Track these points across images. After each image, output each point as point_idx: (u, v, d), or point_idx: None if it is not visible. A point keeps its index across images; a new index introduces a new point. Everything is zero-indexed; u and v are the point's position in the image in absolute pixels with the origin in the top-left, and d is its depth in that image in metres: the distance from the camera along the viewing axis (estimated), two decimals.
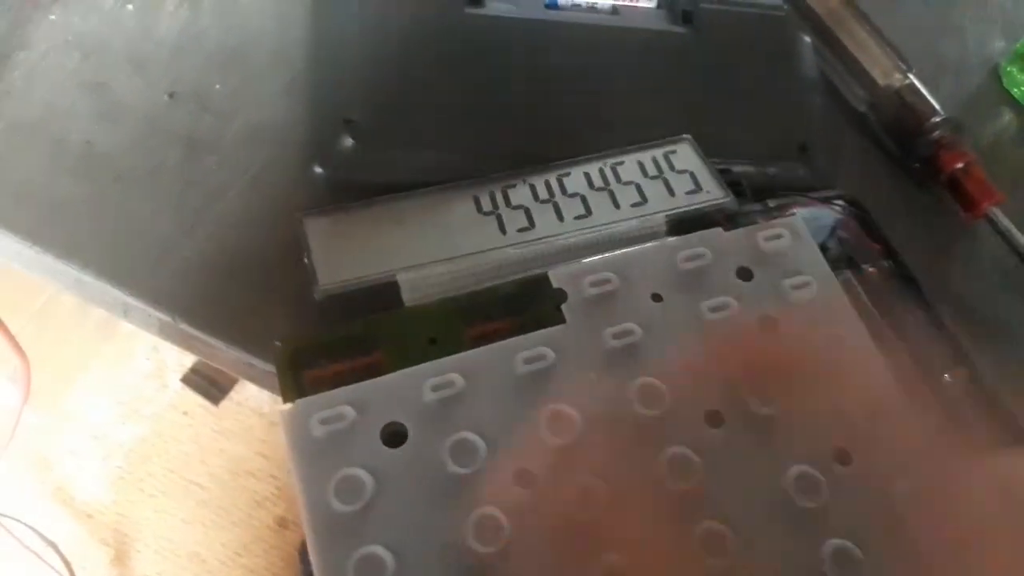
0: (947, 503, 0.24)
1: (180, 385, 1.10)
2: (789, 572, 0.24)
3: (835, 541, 0.25)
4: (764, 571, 0.24)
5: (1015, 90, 0.49)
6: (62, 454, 1.06)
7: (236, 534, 1.01)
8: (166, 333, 0.32)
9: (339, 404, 0.25)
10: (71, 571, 0.96)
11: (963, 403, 0.32)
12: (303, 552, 0.55)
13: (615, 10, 0.40)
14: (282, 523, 1.02)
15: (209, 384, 1.10)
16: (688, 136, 0.36)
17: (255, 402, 1.10)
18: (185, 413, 1.09)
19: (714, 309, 0.28)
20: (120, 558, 0.99)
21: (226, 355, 0.31)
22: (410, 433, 0.25)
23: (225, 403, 1.09)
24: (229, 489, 1.03)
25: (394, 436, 0.25)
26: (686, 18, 0.39)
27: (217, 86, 0.38)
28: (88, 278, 0.32)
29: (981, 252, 0.41)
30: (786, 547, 0.25)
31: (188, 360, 1.12)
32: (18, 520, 0.94)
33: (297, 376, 0.26)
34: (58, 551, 0.97)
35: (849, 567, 0.24)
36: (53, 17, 0.39)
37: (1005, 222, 0.40)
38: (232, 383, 1.11)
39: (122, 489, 1.04)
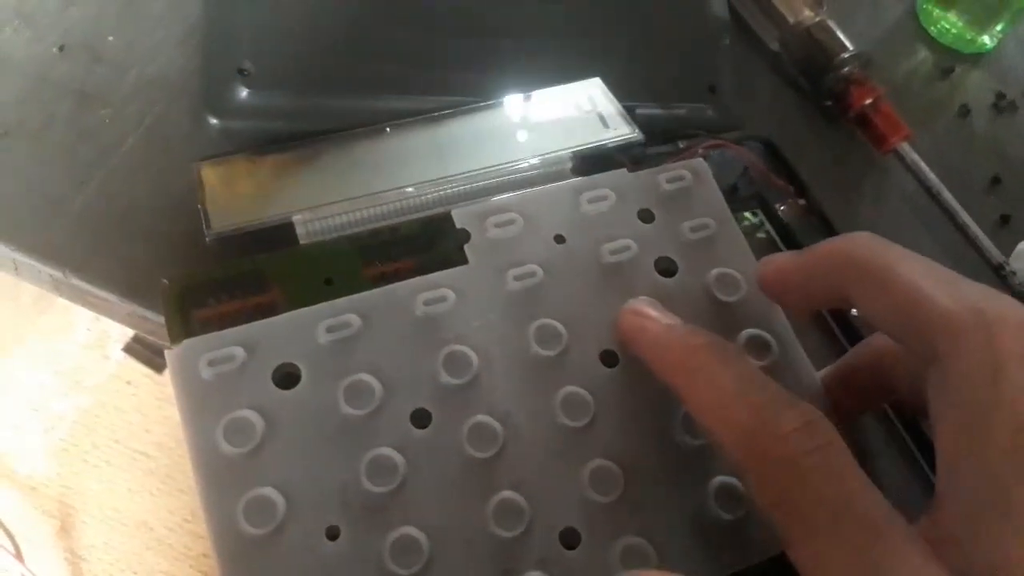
0: None
1: (122, 355, 1.08)
2: (675, 508, 0.25)
3: (721, 478, 0.25)
4: (651, 506, 0.25)
5: (931, 27, 0.50)
6: (2, 428, 1.04)
7: (184, 501, 1.00)
8: (60, 289, 0.31)
9: (228, 344, 0.24)
10: (15, 544, 0.95)
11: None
12: None
13: None
14: None
15: (152, 352, 1.09)
16: (597, 78, 0.36)
17: None
18: (129, 382, 1.07)
19: (614, 252, 0.28)
20: (66, 529, 0.98)
21: (120, 308, 0.31)
22: (303, 374, 0.25)
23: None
24: (175, 456, 1.02)
25: (287, 378, 0.25)
26: None
27: (110, 38, 0.36)
28: None
29: (890, 186, 0.42)
30: (673, 483, 0.25)
31: (130, 330, 1.10)
32: None
33: (185, 315, 0.25)
34: (1, 524, 0.96)
35: (733, 502, 0.25)
36: None
37: (913, 156, 0.41)
38: None
39: (66, 461, 1.03)
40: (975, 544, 0.18)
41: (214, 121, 0.32)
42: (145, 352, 1.08)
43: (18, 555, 0.95)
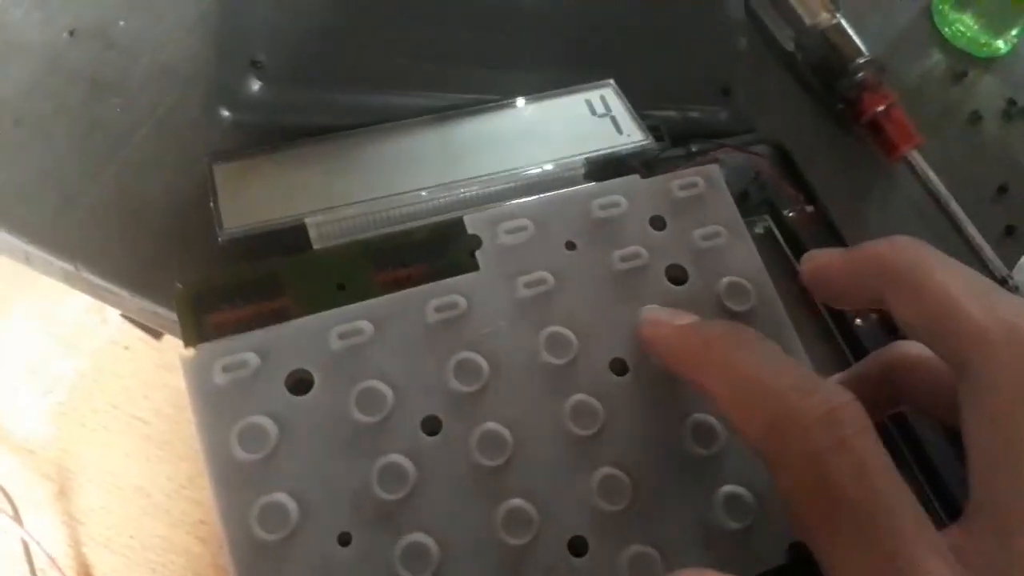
0: None
1: (120, 319, 1.08)
2: (683, 517, 0.25)
3: (729, 487, 0.25)
4: (659, 515, 0.25)
5: (945, 29, 0.49)
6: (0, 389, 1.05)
7: (180, 467, 1.00)
8: (71, 281, 0.31)
9: (242, 350, 0.24)
10: (14, 507, 0.96)
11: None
12: None
13: None
14: None
15: None
16: (611, 81, 0.36)
17: None
18: (127, 348, 1.07)
19: (625, 259, 0.28)
20: (64, 493, 0.98)
21: (132, 303, 0.31)
22: (316, 381, 0.25)
23: (167, 337, 1.07)
24: (173, 423, 1.02)
25: (299, 384, 0.25)
26: None
27: (121, 23, 0.36)
28: None
29: (900, 194, 0.42)
30: (682, 492, 0.25)
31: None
32: None
33: (199, 320, 0.25)
34: (0, 488, 0.97)
35: (741, 511, 0.25)
36: None
37: (922, 165, 0.41)
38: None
39: (64, 424, 1.03)
40: (1006, 559, 0.18)
41: (226, 114, 0.32)
42: None
43: (16, 517, 0.95)
